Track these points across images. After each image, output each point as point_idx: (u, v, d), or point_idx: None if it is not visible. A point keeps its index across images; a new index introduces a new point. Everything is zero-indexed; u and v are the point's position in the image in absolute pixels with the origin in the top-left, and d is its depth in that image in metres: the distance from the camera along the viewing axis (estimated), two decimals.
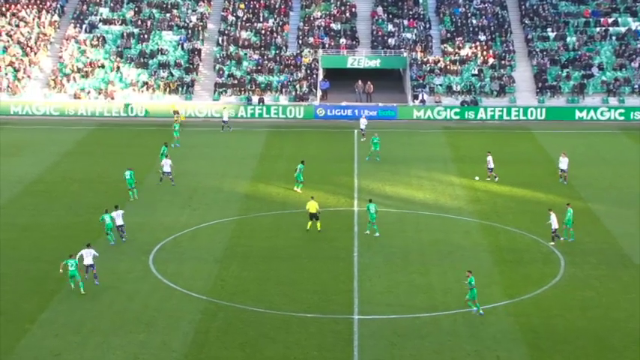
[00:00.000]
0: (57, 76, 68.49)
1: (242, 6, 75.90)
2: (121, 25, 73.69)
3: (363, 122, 60.68)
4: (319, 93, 69.87)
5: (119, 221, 38.33)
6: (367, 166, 52.69)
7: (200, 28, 73.90)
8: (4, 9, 73.48)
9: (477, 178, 49.04)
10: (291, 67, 71.22)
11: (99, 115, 65.79)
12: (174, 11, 75.09)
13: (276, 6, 76.31)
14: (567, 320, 30.94)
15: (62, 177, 48.28)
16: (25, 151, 54.77)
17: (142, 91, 68.42)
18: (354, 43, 73.51)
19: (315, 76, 70.73)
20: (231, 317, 30.89)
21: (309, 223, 40.13)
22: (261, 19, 75.07)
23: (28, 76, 68.47)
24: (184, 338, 29.21)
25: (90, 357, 27.85)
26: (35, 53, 70.21)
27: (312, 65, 71.21)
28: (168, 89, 68.66)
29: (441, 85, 70.05)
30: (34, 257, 36.42)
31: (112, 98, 67.52)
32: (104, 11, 74.73)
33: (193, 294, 32.74)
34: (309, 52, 72.18)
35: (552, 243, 38.60)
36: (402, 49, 72.62)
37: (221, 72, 70.30)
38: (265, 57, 71.79)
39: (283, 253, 37.68)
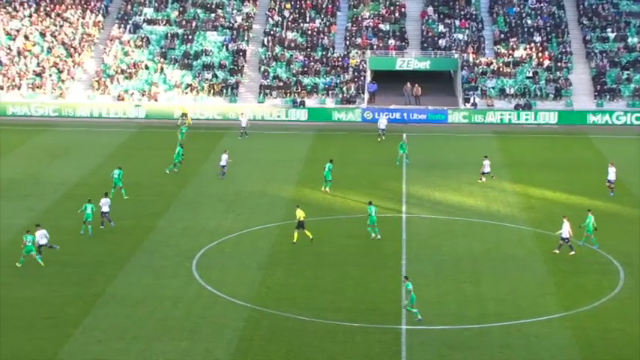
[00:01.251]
0: (100, 78, 69.60)
1: (288, 6, 76.33)
2: (165, 25, 74.63)
3: (382, 122, 60.77)
4: (367, 96, 69.93)
5: (105, 208, 39.89)
6: (416, 171, 52.59)
7: (245, 28, 74.50)
8: (48, 9, 74.90)
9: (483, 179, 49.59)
10: (338, 68, 71.39)
11: (142, 117, 66.61)
12: (219, 11, 75.81)
13: (324, 6, 76.58)
14: (627, 334, 30.53)
15: (105, 180, 48.91)
16: (68, 154, 55.74)
17: (186, 93, 69.18)
18: (404, 44, 73.43)
19: (362, 78, 70.81)
20: (276, 325, 31.08)
21: (296, 234, 39.19)
22: (308, 20, 75.40)
23: (72, 78, 69.67)
24: (228, 346, 29.47)
25: None
26: (79, 54, 71.40)
27: (360, 67, 71.32)
28: (212, 91, 69.33)
29: (493, 87, 69.62)
30: (78, 262, 37.04)
31: (156, 100, 68.39)
32: (148, 11, 75.75)
33: (237, 301, 33.01)
34: (357, 53, 72.30)
35: (556, 251, 38.15)
36: (453, 51, 72.35)
37: (266, 73, 70.77)
38: (311, 58, 72.08)
39: (329, 260, 37.79)
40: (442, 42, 73.16)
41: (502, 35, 73.51)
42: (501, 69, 70.80)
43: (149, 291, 33.94)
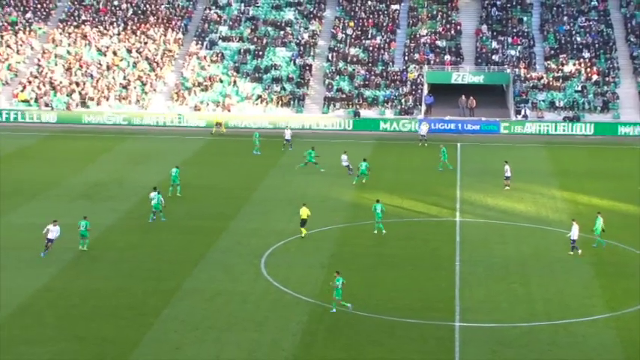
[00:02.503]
0: (179, 90, 70.73)
1: (351, 24, 76.50)
2: (238, 42, 75.49)
3: (423, 129, 60.76)
4: (423, 107, 69.64)
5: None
6: (469, 178, 52.19)
7: (311, 44, 74.90)
8: (134, 27, 76.45)
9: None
10: (397, 82, 71.28)
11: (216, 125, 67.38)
12: (288, 29, 76.38)
13: (384, 24, 76.55)
14: None
15: (184, 184, 49.68)
16: (149, 160, 56.72)
17: (257, 104, 69.84)
18: (459, 59, 72.94)
19: (419, 91, 70.55)
20: (338, 320, 31.15)
21: (303, 230, 39.84)
22: (370, 37, 75.45)
23: (154, 90, 70.97)
24: (293, 338, 29.66)
25: (207, 351, 28.64)
26: (161, 68, 72.71)
27: (418, 80, 71.07)
28: (280, 102, 69.86)
29: (543, 100, 68.66)
30: (157, 258, 37.69)
31: (229, 110, 69.21)
32: (223, 29, 76.72)
33: (302, 297, 33.19)
34: (415, 68, 72.08)
35: (571, 252, 37.62)
36: (506, 66, 71.57)
37: (330, 86, 71.02)
38: (372, 72, 72.10)
39: (388, 260, 37.73)
40: (495, 57, 72.45)
41: (552, 51, 72.46)
42: (551, 83, 69.78)
43: (222, 286, 34.34)
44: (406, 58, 73.17)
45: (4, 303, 32.02)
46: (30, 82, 70.74)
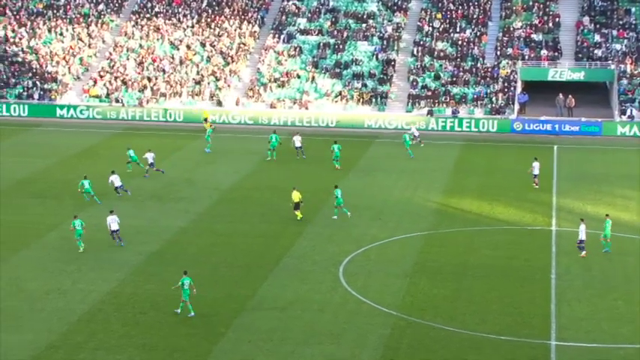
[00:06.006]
0: (254, 86, 71.35)
1: (439, 16, 75.79)
2: (317, 35, 75.69)
3: (414, 130, 61.23)
4: (517, 106, 68.42)
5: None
6: (566, 183, 51.03)
7: (395, 38, 74.53)
8: (209, 20, 77.53)
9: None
10: (488, 79, 70.24)
11: (291, 124, 67.72)
12: (370, 21, 76.19)
13: (475, 16, 75.57)
14: None
15: (257, 185, 50.09)
16: (221, 159, 57.35)
17: (336, 102, 69.89)
18: (556, 54, 71.39)
19: (512, 88, 69.35)
20: (421, 334, 30.81)
21: (297, 213, 42.76)
22: (458, 30, 74.60)
23: (228, 85, 71.77)
24: (374, 353, 29.43)
25: None
26: (236, 63, 73.48)
27: (510, 77, 69.87)
28: (361, 100, 69.73)
29: None
30: (230, 263, 38.03)
31: (306, 108, 69.43)
32: (302, 22, 77.06)
33: (382, 308, 32.96)
34: (508, 63, 70.90)
35: (582, 254, 37.35)
36: (610, 61, 69.66)
37: (415, 83, 70.51)
38: (461, 68, 71.25)
39: (475, 270, 37.16)
40: (598, 52, 70.61)
41: None
42: None
43: (297, 295, 34.38)
44: (498, 52, 72.03)
45: (71, 308, 32.79)
46: (101, 77, 72.51)
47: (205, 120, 66.11)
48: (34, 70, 73.41)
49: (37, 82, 72.33)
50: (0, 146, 60.00)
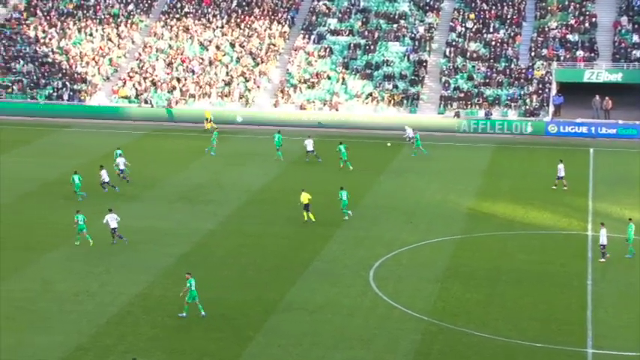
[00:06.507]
0: (284, 87, 71.46)
1: (472, 16, 75.43)
2: (348, 35, 75.64)
3: (409, 131, 61.14)
4: (551, 108, 67.87)
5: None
6: (603, 187, 50.52)
7: (427, 39, 74.27)
8: (239, 20, 77.81)
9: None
10: (522, 80, 69.76)
11: (324, 125, 67.68)
12: (402, 22, 76.00)
13: (509, 16, 75.11)
14: None
15: (286, 187, 50.10)
16: (251, 161, 57.45)
17: (367, 103, 69.78)
18: (593, 55, 70.71)
19: (547, 90, 68.80)
20: (453, 341, 30.64)
21: (305, 214, 43.03)
22: (492, 30, 74.18)
23: (258, 87, 71.96)
24: (404, 359, 29.35)
25: None
26: (265, 64, 73.67)
27: (545, 79, 69.33)
28: (392, 101, 69.56)
29: None
30: (258, 266, 38.09)
31: (336, 110, 69.40)
32: (332, 22, 77.05)
33: (413, 313, 32.83)
34: (542, 64, 70.36)
35: (602, 259, 37.07)
36: None
37: (447, 84, 70.22)
38: (494, 69, 70.84)
39: (509, 276, 36.89)
40: (636, 53, 69.81)
41: None
42: None
43: (327, 299, 34.35)
44: (533, 53, 71.51)
45: (100, 310, 33.04)
46: (130, 78, 73.04)
47: (207, 120, 66.60)
48: (64, 71, 74.13)
49: (67, 83, 73.01)
50: (30, 147, 60.65)
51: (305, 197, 43.56)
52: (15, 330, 31.20)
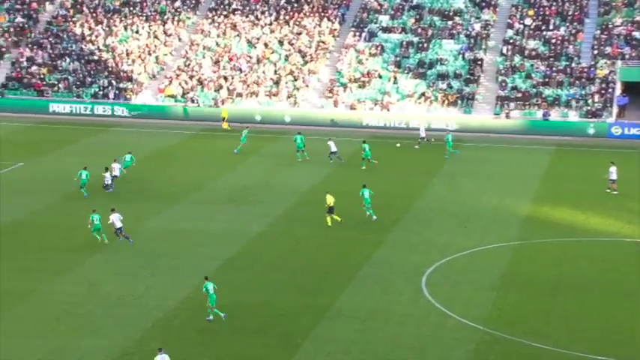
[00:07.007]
0: (334, 86, 71.50)
1: (531, 13, 74.67)
2: (400, 33, 75.42)
3: (422, 129, 61.47)
4: (615, 109, 66.86)
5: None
6: None
7: (483, 36, 73.74)
8: (287, 17, 78.09)
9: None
10: (583, 79, 68.86)
11: (372, 126, 67.59)
12: (457, 19, 75.56)
13: (570, 12, 74.21)
14: None
15: (336, 189, 49.92)
16: (300, 162, 57.49)
17: (419, 103, 69.50)
18: None
19: (611, 90, 67.82)
20: (510, 351, 30.34)
21: (328, 218, 42.79)
22: (552, 27, 73.37)
23: (306, 85, 72.12)
24: None
25: None
26: (314, 62, 73.79)
27: (609, 78, 68.35)
28: (446, 101, 69.18)
29: None
30: (308, 271, 38.09)
31: (388, 110, 69.23)
32: (384, 19, 76.91)
33: (468, 322, 32.57)
34: (606, 63, 69.37)
35: None
36: None
37: (504, 84, 69.61)
38: (554, 68, 70.04)
39: (569, 284, 36.43)
40: None
41: None
42: None
43: (378, 305, 34.25)
44: (595, 51, 70.56)
45: (145, 314, 33.36)
46: (177, 76, 73.75)
47: (223, 119, 67.28)
48: (110, 69, 75.13)
49: (113, 82, 73.98)
50: (77, 146, 61.53)
51: (330, 199, 43.34)
52: (61, 333, 31.66)
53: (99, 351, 30.30)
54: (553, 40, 72.14)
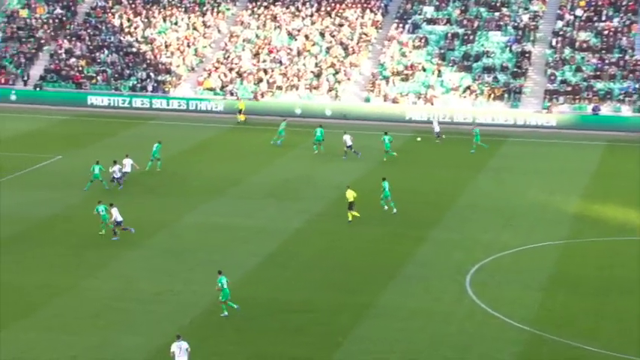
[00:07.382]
0: (376, 79, 71.28)
1: (582, 3, 73.77)
2: (445, 24, 74.96)
3: (436, 125, 61.31)
4: None
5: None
6: None
7: (532, 28, 73.01)
8: (329, 9, 77.98)
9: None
10: (637, 72, 67.90)
11: (416, 120, 67.29)
12: (504, 10, 74.89)
13: (623, 3, 73.17)
14: None
15: (377, 185, 49.89)
16: (340, 156, 57.31)
17: (464, 97, 69.03)
18: None
19: None
20: (558, 353, 30.07)
21: (349, 214, 42.66)
22: (604, 18, 72.41)
23: (348, 79, 71.98)
24: None
25: None
26: (356, 55, 73.61)
27: None
28: (492, 95, 68.61)
29: None
30: (349, 268, 38.02)
31: (432, 104, 68.86)
32: (429, 10, 76.48)
33: (514, 322, 32.32)
34: None
35: None
36: None
37: (553, 77, 68.86)
38: (606, 61, 69.11)
39: (621, 285, 36.00)
40: None
41: None
42: None
43: (420, 304, 34.12)
44: None
45: (182, 310, 33.54)
46: (216, 69, 74.05)
47: (240, 111, 67.70)
48: (149, 61, 75.65)
49: (151, 74, 74.48)
50: (115, 139, 62.03)
51: (350, 194, 43.12)
52: (100, 328, 31.96)
53: (136, 347, 30.53)
54: (605, 32, 71.21)
